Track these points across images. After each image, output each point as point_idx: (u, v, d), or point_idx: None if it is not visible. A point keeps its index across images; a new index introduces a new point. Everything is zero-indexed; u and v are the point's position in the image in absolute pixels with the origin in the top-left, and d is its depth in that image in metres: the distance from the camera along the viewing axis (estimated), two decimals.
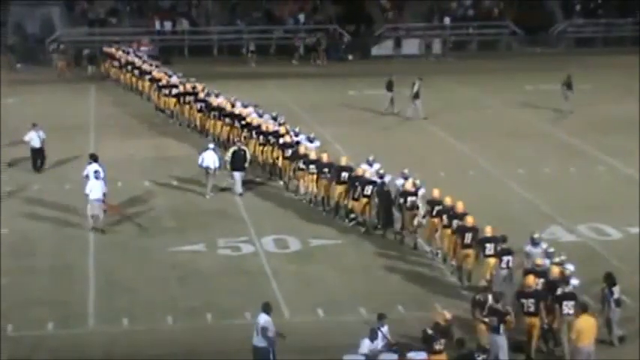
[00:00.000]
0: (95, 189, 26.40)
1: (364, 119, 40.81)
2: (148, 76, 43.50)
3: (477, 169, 32.94)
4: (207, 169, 29.47)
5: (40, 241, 26.07)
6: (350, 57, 58.95)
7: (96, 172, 26.99)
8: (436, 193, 24.72)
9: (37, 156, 32.39)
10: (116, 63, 48.94)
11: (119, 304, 22.01)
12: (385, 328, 18.33)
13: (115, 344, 20.24)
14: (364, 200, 26.39)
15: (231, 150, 29.83)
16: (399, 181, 25.79)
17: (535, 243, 21.66)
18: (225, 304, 22.02)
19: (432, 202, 24.57)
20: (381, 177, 26.19)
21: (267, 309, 18.59)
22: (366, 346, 17.93)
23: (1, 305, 21.64)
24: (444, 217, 23.83)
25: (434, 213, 24.31)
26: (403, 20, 62.26)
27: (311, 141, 30.24)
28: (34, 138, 32.29)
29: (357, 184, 26.53)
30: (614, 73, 50.55)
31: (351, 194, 26.75)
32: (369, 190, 26.30)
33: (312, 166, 28.23)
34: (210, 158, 29.42)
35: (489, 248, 21.95)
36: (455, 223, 23.36)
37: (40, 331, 20.73)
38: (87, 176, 27.44)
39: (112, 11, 61.10)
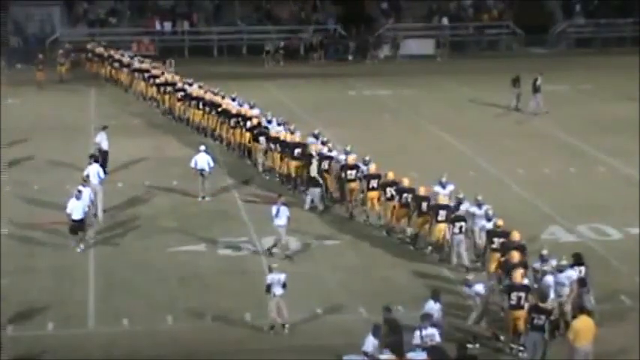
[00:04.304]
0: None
1: (364, 119, 40.78)
2: (126, 69, 46.17)
3: (477, 169, 32.93)
4: (201, 171, 29.31)
5: (40, 241, 26.06)
6: (350, 57, 58.94)
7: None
8: (373, 168, 26.94)
9: (104, 158, 31.62)
10: (96, 58, 50.84)
11: (119, 305, 22.00)
12: (428, 331, 17.95)
13: (115, 344, 20.23)
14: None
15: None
16: (479, 212, 24.26)
17: (544, 260, 20.80)
18: (225, 304, 22.00)
19: (368, 177, 26.77)
20: (459, 202, 24.49)
21: (435, 296, 19.25)
22: (370, 342, 17.69)
23: (1, 305, 21.63)
24: (388, 190, 25.79)
25: (371, 187, 26.55)
26: (403, 20, 62.28)
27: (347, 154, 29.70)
28: (103, 140, 32.00)
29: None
30: (614, 73, 50.55)
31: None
32: (325, 165, 28.29)
33: (277, 146, 30.25)
34: (203, 160, 29.30)
35: (442, 215, 24.10)
36: (405, 196, 25.26)
37: (40, 331, 20.74)
38: (87, 176, 27.46)
39: (112, 11, 61.14)
